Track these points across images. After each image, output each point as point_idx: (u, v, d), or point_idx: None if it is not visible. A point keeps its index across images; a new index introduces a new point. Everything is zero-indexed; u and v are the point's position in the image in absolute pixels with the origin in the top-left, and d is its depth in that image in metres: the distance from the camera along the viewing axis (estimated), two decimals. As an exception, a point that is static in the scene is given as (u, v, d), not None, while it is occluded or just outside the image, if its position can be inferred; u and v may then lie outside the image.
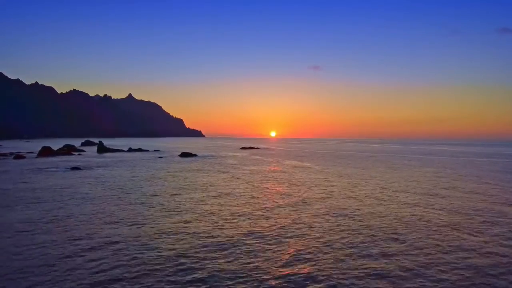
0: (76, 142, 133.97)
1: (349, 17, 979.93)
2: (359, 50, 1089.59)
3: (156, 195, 23.57)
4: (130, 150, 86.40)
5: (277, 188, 27.73)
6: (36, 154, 64.95)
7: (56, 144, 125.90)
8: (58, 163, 48.52)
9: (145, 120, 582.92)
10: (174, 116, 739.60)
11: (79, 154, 70.74)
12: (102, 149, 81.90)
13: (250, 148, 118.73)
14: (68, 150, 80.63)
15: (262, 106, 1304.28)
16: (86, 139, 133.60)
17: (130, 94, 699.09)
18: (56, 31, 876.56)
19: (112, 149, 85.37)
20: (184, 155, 69.69)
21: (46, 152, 65.09)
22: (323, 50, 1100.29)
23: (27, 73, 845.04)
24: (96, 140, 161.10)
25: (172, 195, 23.84)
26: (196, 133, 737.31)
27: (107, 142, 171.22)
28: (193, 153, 73.46)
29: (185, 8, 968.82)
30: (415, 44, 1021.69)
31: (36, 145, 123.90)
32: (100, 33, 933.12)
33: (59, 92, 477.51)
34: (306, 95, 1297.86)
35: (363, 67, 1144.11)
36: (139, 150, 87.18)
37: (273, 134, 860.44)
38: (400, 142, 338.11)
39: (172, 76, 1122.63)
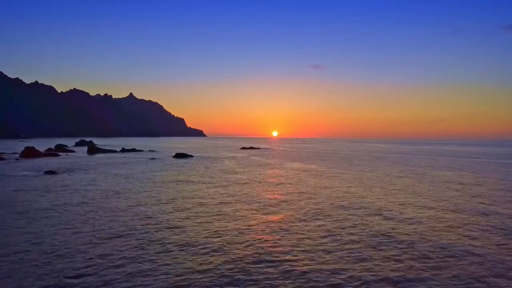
0: (72, 142, 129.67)
1: (350, 16, 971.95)
2: (360, 49, 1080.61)
3: (111, 223, 18.61)
4: (123, 150, 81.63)
5: (276, 215, 22.66)
6: (18, 155, 60.39)
7: (49, 143, 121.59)
8: (35, 166, 43.74)
9: (146, 119, 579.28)
10: (176, 116, 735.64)
11: (66, 155, 66.00)
12: (92, 149, 77.08)
13: (251, 148, 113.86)
14: (55, 151, 76.16)
15: (263, 106, 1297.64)
16: (80, 138, 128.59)
17: (131, 94, 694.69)
18: (56, 30, 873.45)
19: (104, 149, 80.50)
20: (179, 156, 64.84)
21: (29, 153, 60.36)
22: (324, 49, 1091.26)
23: (27, 72, 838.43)
24: (95, 140, 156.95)
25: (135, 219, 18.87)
26: (198, 133, 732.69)
27: (107, 142, 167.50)
28: (188, 154, 68.62)
29: (186, 7, 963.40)
30: (417, 43, 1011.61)
31: (29, 144, 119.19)
32: (100, 32, 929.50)
33: (59, 91, 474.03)
34: (307, 95, 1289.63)
35: (364, 66, 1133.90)
36: (133, 150, 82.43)
37: (275, 133, 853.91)
38: (404, 142, 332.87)
39: (173, 75, 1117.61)
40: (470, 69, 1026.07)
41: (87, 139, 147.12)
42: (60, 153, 68.29)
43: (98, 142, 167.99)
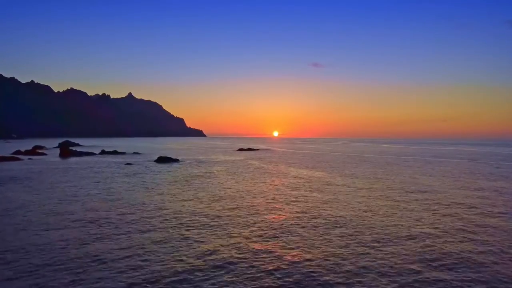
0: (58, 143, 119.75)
1: (349, 14, 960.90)
2: (360, 47, 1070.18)
3: None
4: (102, 153, 71.96)
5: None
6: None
7: (30, 144, 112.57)
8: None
9: (145, 119, 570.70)
10: (175, 116, 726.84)
11: (29, 159, 56.30)
12: (65, 152, 67.34)
13: (249, 149, 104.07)
14: (23, 153, 66.75)
15: (264, 105, 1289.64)
16: (65, 139, 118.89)
17: (130, 93, 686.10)
18: (53, 29, 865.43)
19: (80, 151, 70.84)
20: (161, 160, 55.13)
21: (-19, 157, 50.85)
22: (323, 47, 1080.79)
23: (22, 71, 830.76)
24: (90, 140, 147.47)
25: None
26: (198, 133, 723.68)
27: (101, 143, 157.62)
28: (174, 157, 58.93)
29: (185, 6, 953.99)
30: (418, 41, 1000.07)
31: (13, 145, 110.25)
32: (99, 31, 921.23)
33: (55, 91, 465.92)
34: (307, 93, 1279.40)
35: (365, 65, 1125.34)
36: (114, 153, 72.74)
37: (275, 133, 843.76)
38: (408, 142, 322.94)
39: (172, 75, 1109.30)
40: (471, 67, 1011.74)
41: (75, 140, 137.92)
42: (23, 157, 58.57)
43: (94, 142, 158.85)
